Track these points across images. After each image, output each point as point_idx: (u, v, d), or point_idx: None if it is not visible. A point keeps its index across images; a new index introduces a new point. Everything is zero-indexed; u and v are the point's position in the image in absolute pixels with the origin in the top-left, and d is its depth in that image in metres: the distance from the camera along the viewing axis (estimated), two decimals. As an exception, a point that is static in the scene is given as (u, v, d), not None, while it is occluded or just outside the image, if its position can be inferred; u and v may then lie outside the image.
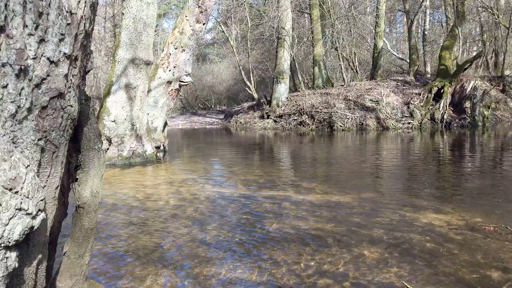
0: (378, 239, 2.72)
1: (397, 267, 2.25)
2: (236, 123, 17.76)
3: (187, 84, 7.51)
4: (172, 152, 8.31)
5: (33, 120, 1.05)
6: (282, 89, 16.59)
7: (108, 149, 6.31)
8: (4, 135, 0.97)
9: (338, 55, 18.04)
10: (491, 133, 11.61)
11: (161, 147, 7.22)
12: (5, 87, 0.96)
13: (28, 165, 1.01)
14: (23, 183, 0.97)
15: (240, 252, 2.54)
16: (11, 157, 0.96)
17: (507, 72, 17.24)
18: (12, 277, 0.99)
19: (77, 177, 1.46)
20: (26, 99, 1.02)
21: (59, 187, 1.24)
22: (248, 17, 18.97)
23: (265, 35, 18.43)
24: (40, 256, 1.13)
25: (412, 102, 14.13)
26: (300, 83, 18.29)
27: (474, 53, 22.14)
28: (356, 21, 18.44)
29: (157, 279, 2.15)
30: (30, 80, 1.02)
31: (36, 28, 1.02)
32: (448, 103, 13.80)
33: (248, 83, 19.15)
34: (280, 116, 15.97)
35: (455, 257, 2.39)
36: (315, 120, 14.80)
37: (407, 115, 13.99)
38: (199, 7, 7.01)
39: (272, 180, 4.97)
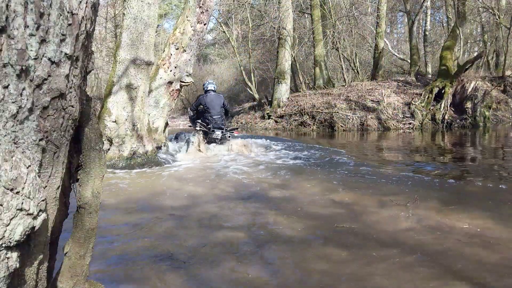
0: (383, 240, 2.71)
1: (399, 268, 2.25)
2: (237, 123, 17.75)
3: (188, 85, 7.51)
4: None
5: (34, 121, 1.05)
6: (283, 90, 16.57)
7: (109, 149, 6.30)
8: (5, 135, 0.97)
9: (339, 55, 18.03)
10: (492, 134, 11.59)
11: (162, 148, 7.22)
12: (6, 87, 0.96)
13: (29, 166, 1.01)
14: (24, 183, 0.97)
15: (246, 252, 2.53)
16: (12, 157, 0.96)
17: (508, 73, 17.21)
18: (13, 277, 0.99)
19: (78, 177, 1.46)
20: (27, 99, 1.02)
21: (60, 188, 1.24)
22: (249, 17, 18.95)
23: (266, 36, 18.42)
24: (41, 256, 1.12)
25: (413, 103, 14.11)
26: (301, 83, 18.29)
27: (475, 54, 22.10)
28: (357, 22, 18.43)
29: (160, 280, 2.15)
30: (31, 81, 1.02)
31: (37, 29, 1.02)
32: (449, 104, 13.77)
33: (249, 83, 19.13)
34: (281, 117, 15.95)
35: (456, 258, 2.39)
36: (316, 120, 14.78)
37: (408, 116, 13.96)
38: (200, 7, 7.00)
39: (273, 180, 4.97)
